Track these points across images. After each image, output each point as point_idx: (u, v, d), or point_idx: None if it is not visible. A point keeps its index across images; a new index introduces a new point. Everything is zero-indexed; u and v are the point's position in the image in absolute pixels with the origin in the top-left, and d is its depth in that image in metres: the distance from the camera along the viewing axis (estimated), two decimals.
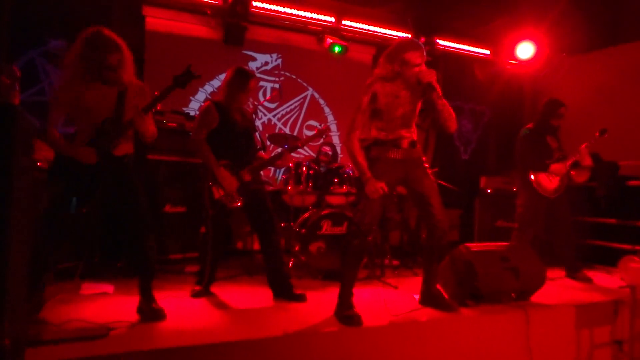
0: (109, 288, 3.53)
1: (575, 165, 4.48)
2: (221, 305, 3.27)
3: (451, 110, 3.09)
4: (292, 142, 4.67)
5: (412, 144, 3.14)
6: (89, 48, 2.69)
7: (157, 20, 5.64)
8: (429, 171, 3.22)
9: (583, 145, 4.45)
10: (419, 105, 3.20)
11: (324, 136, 3.92)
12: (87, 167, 2.71)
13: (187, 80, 2.77)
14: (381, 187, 2.94)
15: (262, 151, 3.78)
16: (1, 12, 1.80)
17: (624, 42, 6.36)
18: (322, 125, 3.95)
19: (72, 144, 2.73)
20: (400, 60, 3.02)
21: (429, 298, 3.30)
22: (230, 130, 3.49)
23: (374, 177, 2.98)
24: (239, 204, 3.44)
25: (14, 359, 1.73)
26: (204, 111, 3.48)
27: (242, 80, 3.53)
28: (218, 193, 3.39)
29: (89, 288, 3.49)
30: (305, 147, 6.35)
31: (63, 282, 3.55)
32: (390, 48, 3.11)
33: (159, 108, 4.66)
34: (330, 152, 5.25)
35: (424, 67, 3.02)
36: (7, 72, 2.22)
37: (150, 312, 2.83)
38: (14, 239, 1.69)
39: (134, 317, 2.82)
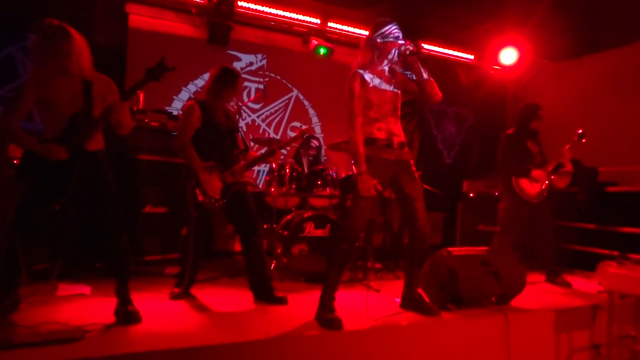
0: (86, 289, 3.46)
1: (559, 167, 4.52)
2: (201, 308, 3.22)
3: (434, 82, 3.15)
4: (274, 144, 4.66)
5: (402, 144, 3.15)
6: (41, 39, 2.66)
7: (140, 17, 5.57)
8: (417, 174, 3.22)
9: (566, 147, 4.50)
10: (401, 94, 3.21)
11: (305, 137, 3.90)
12: (58, 163, 2.64)
13: (161, 73, 2.72)
14: (375, 185, 2.93)
15: (246, 152, 3.75)
16: None
17: (605, 49, 6.46)
18: (304, 126, 3.93)
19: (40, 139, 2.67)
20: (380, 35, 3.06)
21: (410, 301, 3.30)
22: (214, 130, 3.45)
23: None
24: (221, 205, 3.40)
25: None
26: (187, 110, 3.43)
27: (230, 79, 3.49)
28: (202, 195, 3.35)
29: (65, 289, 3.42)
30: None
31: (39, 283, 3.47)
32: (369, 33, 3.15)
33: (141, 107, 4.63)
34: (317, 144, 5.26)
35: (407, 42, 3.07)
36: None
37: (125, 315, 2.78)
38: None
39: (111, 319, 2.76)
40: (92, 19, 5.04)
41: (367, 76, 3.05)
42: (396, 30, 3.08)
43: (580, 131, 4.50)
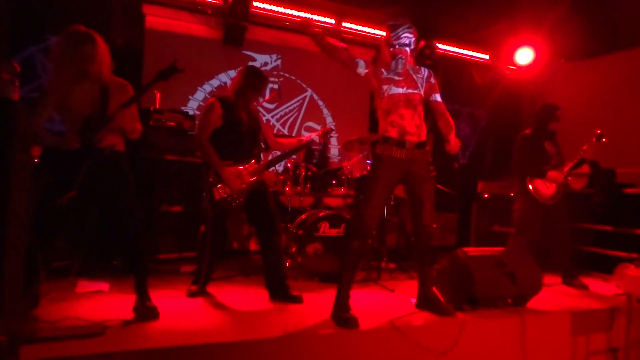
0: (104, 286, 3.50)
1: (581, 163, 4.45)
2: (217, 306, 3.25)
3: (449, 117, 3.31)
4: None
5: (418, 144, 3.14)
6: (65, 42, 2.75)
7: (157, 18, 5.62)
8: (433, 174, 3.22)
9: (583, 148, 4.44)
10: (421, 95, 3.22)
11: (329, 136, 3.90)
12: (70, 160, 2.70)
13: (171, 74, 2.79)
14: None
15: (265, 152, 3.76)
16: (2, 9, 1.80)
17: (622, 49, 6.39)
18: (326, 126, 3.91)
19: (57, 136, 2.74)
20: (390, 39, 3.13)
21: (425, 301, 3.30)
22: (235, 129, 3.44)
23: (375, 176, 3.07)
24: (240, 203, 3.43)
25: (9, 356, 1.72)
26: (208, 108, 3.43)
27: (258, 83, 3.52)
28: (219, 194, 3.37)
29: (84, 286, 3.46)
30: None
31: (58, 279, 3.53)
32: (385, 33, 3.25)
33: (157, 107, 4.68)
34: (320, 141, 5.27)
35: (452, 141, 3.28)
36: (7, 68, 2.22)
37: (143, 310, 2.82)
38: (12, 236, 1.68)
39: (129, 315, 2.80)
40: (110, 20, 5.11)
41: (381, 70, 3.13)
42: (406, 35, 3.11)
43: (599, 131, 4.44)
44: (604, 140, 4.41)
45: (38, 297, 2.93)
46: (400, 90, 3.10)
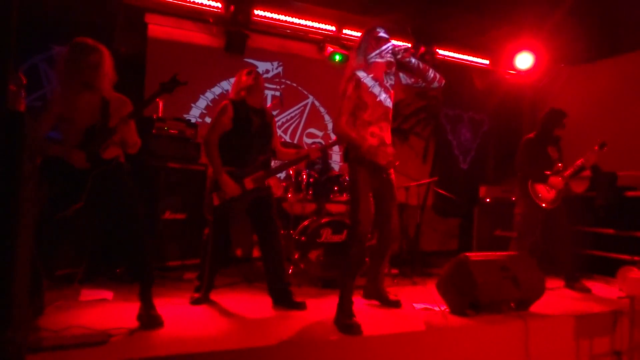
0: (108, 294, 3.52)
1: (581, 170, 4.47)
2: (221, 313, 3.26)
3: (429, 68, 3.37)
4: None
5: (393, 155, 3.23)
6: (71, 52, 2.79)
7: (159, 27, 5.67)
8: (393, 177, 3.37)
9: (580, 160, 4.45)
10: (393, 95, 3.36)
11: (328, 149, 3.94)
12: (74, 170, 2.73)
13: (173, 87, 2.85)
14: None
15: (273, 157, 3.78)
16: (8, 20, 1.83)
17: (623, 53, 6.40)
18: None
19: (63, 146, 2.76)
20: (374, 38, 3.29)
21: (374, 292, 3.57)
22: (244, 133, 3.46)
23: (357, 179, 3.17)
24: (240, 209, 3.45)
25: None
26: (221, 109, 3.46)
27: (252, 75, 3.56)
28: (218, 199, 3.39)
29: (88, 294, 3.48)
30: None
31: (62, 288, 3.54)
32: (358, 42, 3.39)
33: (160, 115, 4.72)
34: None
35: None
36: (14, 79, 2.24)
37: (147, 319, 2.83)
38: (19, 246, 1.70)
39: (133, 323, 2.81)
40: (113, 29, 5.14)
41: (365, 79, 3.21)
42: (385, 33, 3.28)
43: (602, 141, 4.44)
44: (606, 149, 4.42)
45: (42, 306, 2.94)
46: (381, 98, 3.23)
